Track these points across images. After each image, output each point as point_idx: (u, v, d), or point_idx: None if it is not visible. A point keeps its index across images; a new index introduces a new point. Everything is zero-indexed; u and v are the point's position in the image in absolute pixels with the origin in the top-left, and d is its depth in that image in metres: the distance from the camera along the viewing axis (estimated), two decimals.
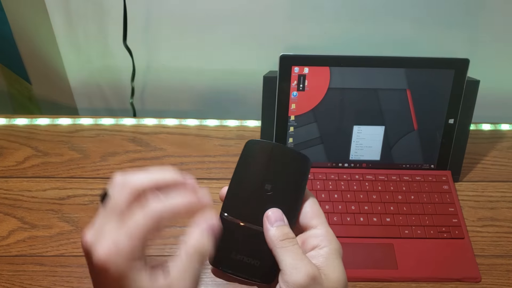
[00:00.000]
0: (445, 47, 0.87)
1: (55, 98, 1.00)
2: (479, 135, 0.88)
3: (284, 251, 0.36)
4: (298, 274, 0.35)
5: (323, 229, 0.38)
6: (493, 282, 0.69)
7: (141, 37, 0.88)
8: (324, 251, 0.37)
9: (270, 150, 0.39)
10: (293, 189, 0.39)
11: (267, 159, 0.39)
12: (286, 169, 0.39)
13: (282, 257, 0.36)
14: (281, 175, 0.39)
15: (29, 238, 0.71)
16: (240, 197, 0.38)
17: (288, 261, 0.35)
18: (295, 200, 0.39)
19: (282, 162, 0.39)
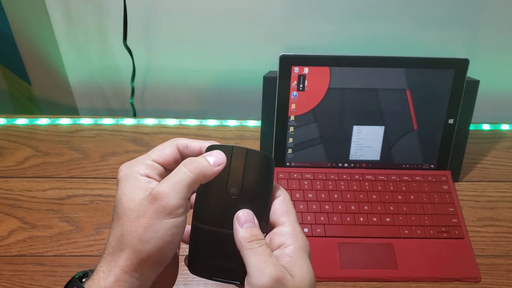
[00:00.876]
0: (445, 47, 0.87)
1: (55, 98, 1.00)
2: (479, 135, 0.88)
3: (251, 253, 0.36)
4: (262, 276, 0.35)
5: (289, 227, 0.38)
6: (493, 282, 0.69)
7: (141, 37, 0.88)
8: (289, 249, 0.37)
9: (231, 154, 0.39)
10: (259, 189, 0.39)
11: (228, 163, 0.39)
12: (249, 171, 0.38)
13: (248, 259, 0.36)
14: (245, 176, 0.39)
15: (29, 238, 0.71)
16: (208, 204, 0.38)
17: (253, 262, 0.35)
18: (263, 200, 0.39)
19: (244, 164, 0.39)
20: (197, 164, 0.37)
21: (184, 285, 0.66)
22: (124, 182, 0.39)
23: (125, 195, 0.38)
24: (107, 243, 0.38)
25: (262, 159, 0.39)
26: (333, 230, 0.72)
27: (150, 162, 0.40)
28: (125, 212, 0.37)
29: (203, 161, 0.38)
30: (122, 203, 0.37)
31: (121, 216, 0.37)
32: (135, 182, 0.38)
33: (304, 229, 0.72)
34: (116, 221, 0.38)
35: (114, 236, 0.37)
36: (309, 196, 0.76)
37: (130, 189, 0.38)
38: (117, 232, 0.37)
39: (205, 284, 0.67)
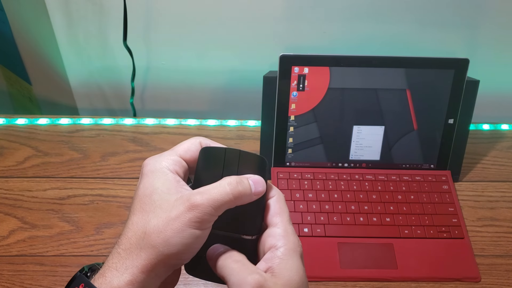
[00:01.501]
0: (445, 47, 0.87)
1: (55, 98, 1.00)
2: (479, 135, 0.88)
3: (227, 273, 0.36)
4: (245, 284, 0.35)
5: (281, 228, 0.38)
6: (493, 282, 0.69)
7: (141, 37, 0.88)
8: (280, 251, 0.37)
9: (224, 156, 0.39)
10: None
11: (222, 165, 0.39)
12: (242, 172, 0.38)
13: (227, 278, 0.36)
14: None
15: (29, 238, 0.71)
16: None
17: (233, 281, 0.35)
18: (257, 201, 0.38)
19: (237, 166, 0.39)
20: (241, 188, 0.37)
21: (184, 285, 0.66)
22: (154, 177, 0.37)
23: (156, 192, 0.37)
24: (124, 237, 0.36)
25: (255, 161, 0.39)
26: (333, 230, 0.72)
27: (178, 158, 0.39)
28: (154, 210, 0.36)
29: (246, 186, 0.37)
30: (153, 200, 0.36)
31: (148, 212, 0.36)
32: (166, 179, 0.37)
33: (304, 229, 0.72)
34: (140, 216, 0.36)
35: (134, 232, 0.36)
36: (309, 196, 0.76)
37: (162, 187, 0.37)
38: (140, 228, 0.36)
39: (205, 284, 0.67)
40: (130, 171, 0.80)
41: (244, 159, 0.39)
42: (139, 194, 0.37)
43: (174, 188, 0.37)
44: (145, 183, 0.38)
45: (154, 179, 0.37)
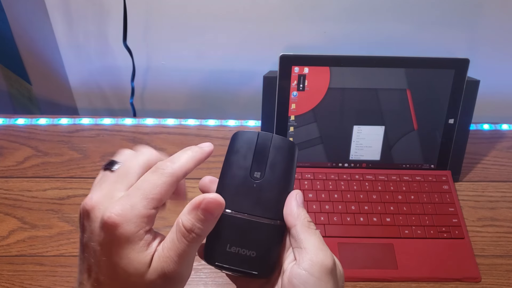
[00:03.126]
0: (445, 47, 0.87)
1: (55, 98, 1.00)
2: (479, 135, 0.88)
3: (312, 232, 0.36)
4: (325, 256, 0.34)
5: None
6: (493, 282, 0.69)
7: (141, 37, 0.88)
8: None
9: (255, 139, 0.39)
10: (282, 175, 0.38)
11: (252, 148, 0.39)
12: (273, 156, 0.39)
13: (309, 237, 0.35)
14: (268, 161, 0.38)
15: (29, 238, 0.71)
16: (229, 189, 0.38)
17: (315, 242, 0.35)
18: (286, 186, 0.38)
19: (268, 149, 0.39)
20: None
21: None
22: (127, 254, 0.32)
23: (131, 270, 0.32)
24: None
25: (286, 145, 0.39)
26: (333, 230, 0.72)
27: (153, 212, 0.34)
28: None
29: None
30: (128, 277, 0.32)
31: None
32: (140, 252, 0.33)
33: None
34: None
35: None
36: (309, 196, 0.76)
37: (136, 272, 0.33)
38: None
39: (205, 284, 0.67)
40: None
41: (276, 143, 0.39)
42: (110, 264, 0.33)
43: (147, 259, 0.33)
44: (118, 254, 0.32)
45: (128, 258, 0.32)
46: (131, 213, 0.32)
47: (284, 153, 0.39)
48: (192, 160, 0.36)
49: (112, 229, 0.32)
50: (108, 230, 0.32)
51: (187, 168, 0.35)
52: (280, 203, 0.38)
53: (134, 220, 0.32)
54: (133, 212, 0.32)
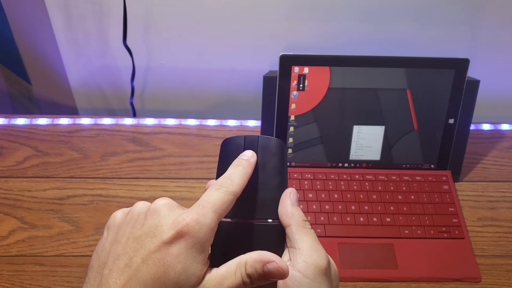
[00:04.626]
0: (445, 47, 0.87)
1: (55, 98, 1.00)
2: (479, 135, 0.88)
3: (307, 232, 0.36)
4: (320, 256, 0.35)
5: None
6: (493, 282, 0.69)
7: (141, 37, 0.88)
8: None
9: (242, 143, 0.39)
10: (273, 174, 0.39)
11: (241, 151, 0.39)
12: (261, 156, 0.39)
13: (303, 237, 0.36)
14: (259, 162, 0.39)
15: (29, 238, 0.71)
16: None
17: (309, 241, 0.35)
18: (278, 184, 0.39)
19: (255, 151, 0.39)
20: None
21: None
22: (189, 255, 0.33)
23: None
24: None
25: (273, 144, 0.39)
26: (333, 230, 0.72)
27: (216, 227, 0.35)
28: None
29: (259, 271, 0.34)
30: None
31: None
32: (198, 263, 0.33)
33: None
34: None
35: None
36: (309, 196, 0.76)
37: (190, 272, 0.33)
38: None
39: None
40: (129, 171, 0.80)
41: (263, 144, 0.39)
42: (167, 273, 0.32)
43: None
44: (175, 264, 0.32)
45: (185, 264, 0.32)
46: (204, 223, 0.33)
47: (272, 152, 0.39)
48: (247, 176, 0.37)
49: (183, 233, 0.32)
50: (179, 232, 0.32)
51: (243, 185, 0.36)
52: (275, 203, 0.38)
53: (204, 229, 0.33)
54: (205, 222, 0.33)
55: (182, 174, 0.80)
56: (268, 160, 0.39)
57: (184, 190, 0.78)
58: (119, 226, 0.36)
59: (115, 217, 0.37)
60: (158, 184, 0.79)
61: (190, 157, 0.83)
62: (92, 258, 0.36)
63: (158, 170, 0.81)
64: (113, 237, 0.35)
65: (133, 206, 0.36)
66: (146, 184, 0.78)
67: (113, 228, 0.36)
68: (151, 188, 0.78)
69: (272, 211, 0.38)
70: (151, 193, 0.77)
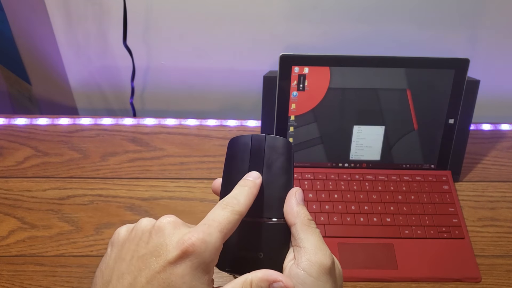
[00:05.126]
0: (445, 47, 0.87)
1: (55, 98, 1.00)
2: (479, 135, 0.88)
3: (312, 231, 0.36)
4: (324, 255, 0.35)
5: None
6: (493, 282, 0.69)
7: (141, 37, 0.88)
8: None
9: (249, 142, 0.40)
10: (279, 173, 0.39)
11: (248, 151, 0.39)
12: (268, 155, 0.39)
13: (308, 236, 0.36)
14: (265, 162, 0.39)
15: (29, 238, 0.71)
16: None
17: (314, 241, 0.35)
18: (284, 183, 0.39)
19: (262, 150, 0.39)
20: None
21: None
22: (195, 276, 0.33)
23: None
24: None
25: (280, 143, 0.40)
26: (333, 230, 0.72)
27: (221, 247, 0.35)
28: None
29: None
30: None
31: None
32: (203, 284, 0.33)
33: None
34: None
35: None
36: (309, 196, 0.76)
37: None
38: None
39: None
40: (129, 171, 0.80)
41: (270, 143, 0.39)
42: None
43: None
44: (180, 284, 0.32)
45: (190, 285, 0.32)
46: (210, 242, 0.33)
47: (279, 151, 0.39)
48: (252, 196, 0.37)
49: (189, 252, 0.32)
50: (184, 251, 0.32)
51: (249, 205, 0.36)
52: (281, 202, 0.38)
53: (210, 249, 0.33)
54: (211, 242, 0.33)
55: (182, 174, 0.80)
56: (275, 160, 0.39)
57: (184, 190, 0.78)
58: (123, 243, 0.35)
59: (119, 233, 0.37)
60: (158, 184, 0.79)
61: (190, 157, 0.83)
62: (96, 275, 0.35)
63: (158, 170, 0.81)
64: (117, 254, 0.35)
65: (138, 223, 0.36)
66: (146, 184, 0.78)
67: (117, 245, 0.36)
68: (151, 188, 0.78)
69: (277, 210, 0.38)
70: (151, 193, 0.77)
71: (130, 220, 0.74)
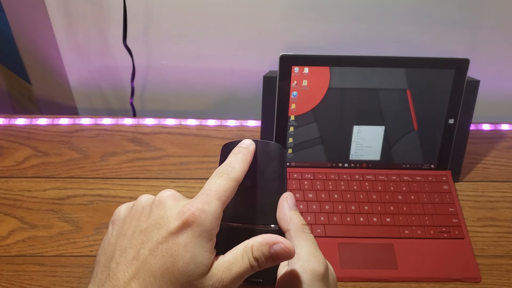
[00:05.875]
0: (445, 47, 0.87)
1: (55, 98, 1.00)
2: (479, 135, 0.88)
3: (306, 237, 0.36)
4: (318, 262, 0.35)
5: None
6: (493, 282, 0.69)
7: (141, 37, 0.88)
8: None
9: None
10: (272, 178, 0.39)
11: None
12: (260, 161, 0.39)
13: (302, 242, 0.36)
14: (257, 168, 0.39)
15: (29, 238, 0.71)
16: None
17: (307, 247, 0.35)
18: (277, 189, 0.39)
19: (255, 156, 0.39)
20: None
21: None
22: (197, 244, 0.33)
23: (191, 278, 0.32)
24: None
25: (272, 149, 0.40)
26: (333, 230, 0.72)
27: (221, 214, 0.35)
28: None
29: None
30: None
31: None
32: (206, 251, 0.33)
33: None
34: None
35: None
36: (309, 196, 0.76)
37: (199, 261, 0.33)
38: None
39: None
40: (129, 171, 0.80)
41: (261, 149, 0.39)
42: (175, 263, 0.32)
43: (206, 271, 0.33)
44: (183, 253, 0.32)
45: (193, 253, 0.32)
46: (209, 211, 0.33)
47: (271, 157, 0.39)
48: (247, 163, 0.37)
49: (190, 222, 0.32)
50: (185, 221, 0.32)
51: (244, 171, 0.37)
52: (274, 207, 0.38)
53: (210, 217, 0.33)
54: (211, 210, 0.33)
55: (182, 174, 0.80)
56: (267, 165, 0.39)
57: (184, 190, 0.78)
58: (124, 219, 0.36)
59: (119, 211, 0.37)
60: (158, 184, 0.79)
61: (190, 157, 0.83)
62: (98, 253, 0.36)
63: (158, 170, 0.81)
64: (119, 231, 0.35)
65: (137, 200, 0.36)
66: (146, 184, 0.78)
67: (118, 222, 0.36)
68: (151, 188, 0.78)
69: (271, 216, 0.38)
70: (151, 193, 0.77)
71: None
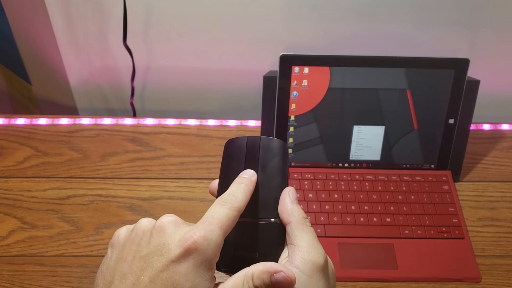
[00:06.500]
0: (445, 47, 0.87)
1: (55, 98, 1.00)
2: (479, 135, 0.88)
3: (307, 229, 0.36)
4: (317, 254, 0.35)
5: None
6: (493, 282, 0.69)
7: (141, 37, 0.88)
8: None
9: (245, 144, 0.40)
10: (274, 173, 0.40)
11: (243, 152, 0.40)
12: (263, 156, 0.40)
13: (302, 234, 0.36)
14: (259, 163, 0.40)
15: (29, 238, 0.71)
16: None
17: (308, 239, 0.36)
18: (279, 183, 0.39)
19: (257, 151, 0.40)
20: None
21: None
22: (197, 273, 0.33)
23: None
24: None
25: (274, 144, 0.40)
26: (333, 230, 0.72)
27: (222, 243, 0.35)
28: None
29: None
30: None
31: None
32: (206, 281, 0.33)
33: None
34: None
35: None
36: (309, 196, 0.76)
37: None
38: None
39: None
40: (129, 171, 0.80)
41: (264, 144, 0.40)
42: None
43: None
44: (183, 282, 0.32)
45: (193, 282, 0.32)
46: (211, 239, 0.33)
47: (273, 152, 0.40)
48: (249, 193, 0.37)
49: (192, 250, 0.32)
50: (187, 249, 0.32)
51: (246, 201, 0.37)
52: (276, 202, 0.39)
53: (212, 246, 0.33)
54: (213, 239, 0.33)
55: (182, 174, 0.80)
56: (270, 161, 0.40)
57: (184, 190, 0.78)
58: (123, 243, 0.35)
59: (119, 234, 0.36)
60: (158, 184, 0.79)
61: (190, 157, 0.83)
62: (97, 277, 0.35)
63: (158, 170, 0.81)
64: (118, 255, 0.35)
65: (137, 223, 0.36)
66: (146, 184, 0.79)
67: (118, 245, 0.36)
68: (151, 188, 0.78)
69: (273, 210, 0.38)
70: (151, 193, 0.77)
71: (130, 220, 0.74)
